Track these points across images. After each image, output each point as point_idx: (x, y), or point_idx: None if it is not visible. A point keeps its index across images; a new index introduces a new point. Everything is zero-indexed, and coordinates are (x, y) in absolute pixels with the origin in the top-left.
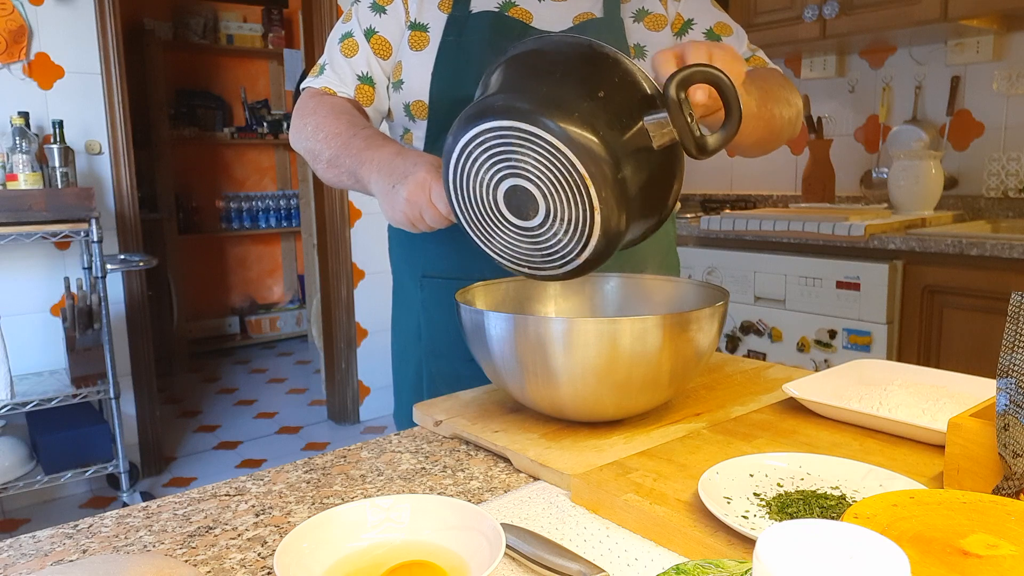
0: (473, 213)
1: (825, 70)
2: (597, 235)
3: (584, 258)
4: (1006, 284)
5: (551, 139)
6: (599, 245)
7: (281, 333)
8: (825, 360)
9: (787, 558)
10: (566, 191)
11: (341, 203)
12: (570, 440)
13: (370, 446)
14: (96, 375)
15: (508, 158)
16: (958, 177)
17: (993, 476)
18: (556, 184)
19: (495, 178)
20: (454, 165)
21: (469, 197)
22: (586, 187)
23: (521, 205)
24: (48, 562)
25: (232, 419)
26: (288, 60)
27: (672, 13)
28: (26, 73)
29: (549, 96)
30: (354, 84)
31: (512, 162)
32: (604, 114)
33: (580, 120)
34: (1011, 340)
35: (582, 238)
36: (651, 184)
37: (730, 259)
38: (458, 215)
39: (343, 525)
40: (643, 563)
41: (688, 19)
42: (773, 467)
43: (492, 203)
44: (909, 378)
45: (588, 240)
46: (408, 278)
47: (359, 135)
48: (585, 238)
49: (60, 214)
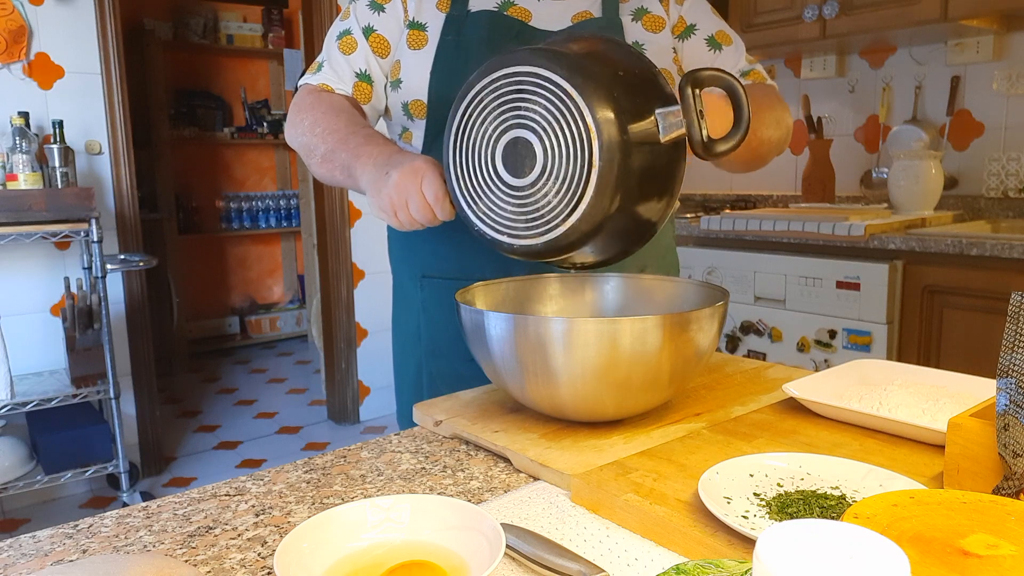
0: (467, 170)
1: (825, 70)
2: (590, 196)
3: (569, 224)
4: (1006, 284)
5: (566, 86)
6: (587, 211)
7: (281, 333)
8: (825, 360)
9: (787, 558)
10: (568, 143)
11: (341, 203)
12: (570, 440)
13: (370, 446)
14: (96, 375)
15: (518, 106)
16: (958, 177)
17: (993, 476)
18: (559, 135)
19: (499, 128)
20: (462, 113)
21: (468, 151)
22: (589, 139)
23: (518, 160)
24: (48, 562)
25: (232, 419)
26: (288, 60)
27: (674, 16)
28: (26, 73)
29: (570, 55)
30: (352, 81)
31: (521, 111)
32: (621, 86)
33: (596, 80)
34: (1011, 340)
35: (573, 198)
36: (650, 177)
37: (730, 259)
38: (450, 171)
39: (343, 525)
40: (643, 563)
41: (691, 24)
42: (773, 467)
43: (490, 157)
44: (909, 378)
45: (579, 202)
46: (408, 278)
47: (358, 132)
48: (576, 199)
49: (60, 214)
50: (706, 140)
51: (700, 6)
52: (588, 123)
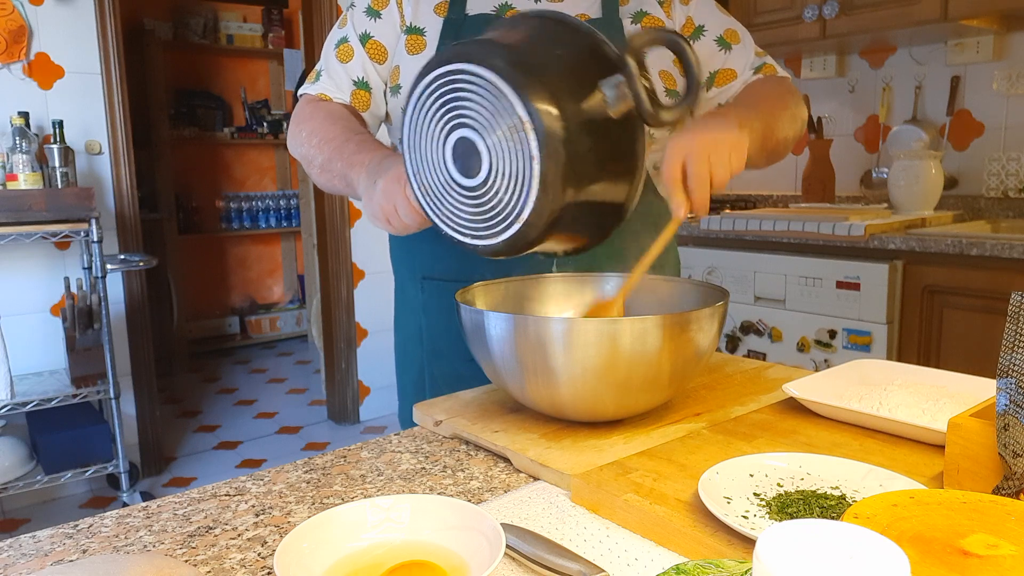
0: (423, 175)
1: (825, 70)
2: (535, 191)
3: (522, 220)
4: (1006, 284)
5: (493, 79)
6: (540, 206)
7: (281, 333)
8: (825, 360)
9: (787, 558)
10: (507, 138)
11: (341, 203)
12: (570, 440)
13: (370, 446)
14: (96, 375)
15: (456, 106)
16: (958, 177)
17: (993, 476)
18: (498, 131)
19: (444, 129)
20: (409, 117)
21: (420, 155)
22: (524, 132)
23: (467, 160)
24: (48, 562)
25: (232, 419)
26: (288, 60)
27: (680, 17)
28: (26, 73)
29: (500, 44)
30: (350, 90)
31: (460, 110)
32: (559, 67)
33: (528, 66)
34: (1011, 340)
35: (521, 194)
36: (608, 156)
37: (730, 259)
38: (411, 177)
39: (343, 525)
40: (643, 563)
41: (700, 24)
42: (773, 467)
43: (441, 159)
44: (909, 378)
45: (527, 197)
46: (408, 280)
47: (352, 140)
48: (524, 195)
49: (60, 214)
50: (655, 109)
51: (707, 5)
52: (520, 115)
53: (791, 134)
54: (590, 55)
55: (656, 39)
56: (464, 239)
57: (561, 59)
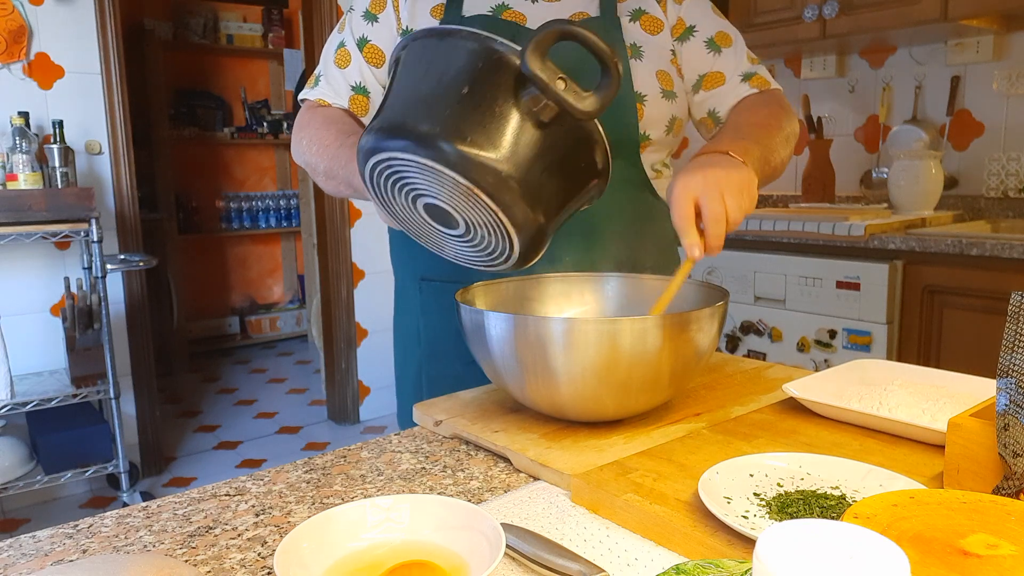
0: (417, 229)
1: (825, 70)
2: (516, 235)
3: (518, 252)
4: (1006, 284)
5: (421, 160)
6: (524, 239)
7: (281, 333)
8: (825, 360)
9: (787, 558)
10: (464, 198)
11: (341, 203)
12: (570, 440)
13: (370, 446)
14: (96, 375)
15: (409, 181)
16: (958, 177)
17: (993, 476)
18: (453, 195)
19: (409, 199)
20: (375, 196)
21: (403, 219)
22: (474, 192)
23: (444, 217)
24: (48, 562)
25: (232, 419)
26: (288, 60)
27: (673, 17)
28: (26, 73)
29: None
30: (348, 95)
31: (412, 186)
32: (474, 110)
33: (442, 129)
34: (1011, 340)
35: (506, 238)
36: (561, 159)
37: (730, 259)
38: (407, 231)
39: (343, 525)
40: (643, 563)
41: (691, 25)
42: (773, 467)
43: (422, 220)
44: (909, 378)
45: (511, 239)
46: (408, 281)
47: (346, 144)
48: (508, 238)
49: (60, 214)
50: (581, 108)
51: (700, 6)
52: (464, 183)
53: (786, 155)
54: (497, 76)
55: (551, 36)
56: (477, 267)
57: (474, 97)
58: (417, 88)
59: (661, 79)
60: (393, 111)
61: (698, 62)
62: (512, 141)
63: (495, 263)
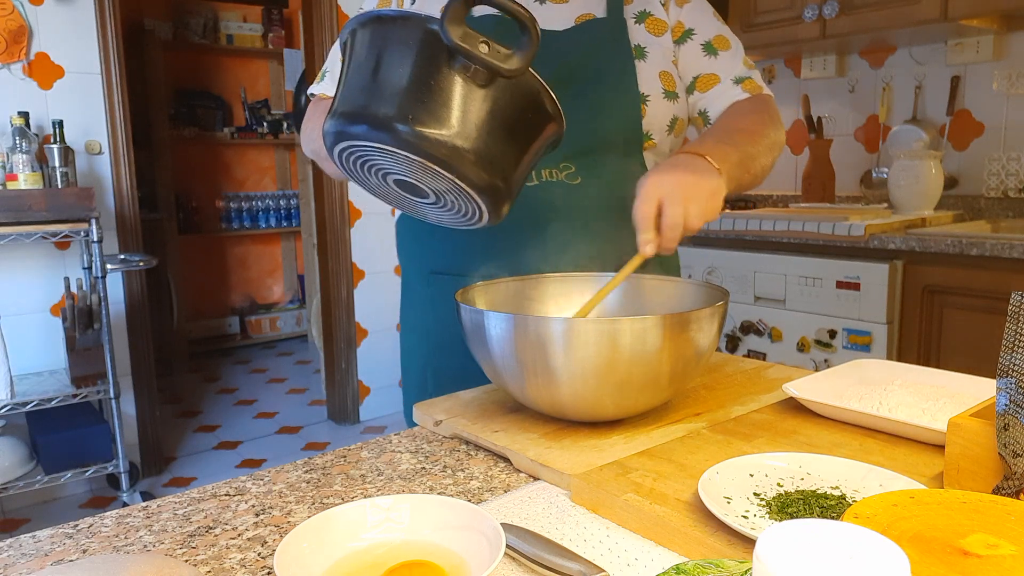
0: (394, 201)
1: (825, 70)
2: (479, 198)
3: (488, 212)
4: (1006, 284)
5: (377, 143)
6: (489, 200)
7: (281, 333)
8: (825, 360)
9: (787, 558)
10: (427, 174)
11: (341, 203)
12: (570, 440)
13: (370, 446)
14: (96, 375)
15: (373, 163)
16: (958, 177)
17: (993, 476)
18: (416, 172)
19: (379, 175)
20: (346, 172)
21: (379, 192)
22: (430, 167)
23: (414, 188)
24: (48, 562)
25: (232, 419)
26: (288, 60)
27: (673, 19)
28: (26, 73)
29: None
30: None
31: (378, 165)
32: (415, 88)
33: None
34: (1011, 340)
35: (471, 201)
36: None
37: (730, 259)
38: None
39: (343, 525)
40: (643, 563)
41: (689, 28)
42: (773, 467)
43: (396, 193)
44: (909, 378)
45: (476, 202)
46: (415, 275)
47: None
48: (473, 201)
49: (60, 214)
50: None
51: (701, 11)
52: (418, 159)
53: (768, 162)
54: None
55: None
56: (459, 228)
57: (413, 75)
58: (366, 71)
59: (664, 80)
60: (347, 97)
61: (693, 64)
62: (456, 112)
63: (472, 224)
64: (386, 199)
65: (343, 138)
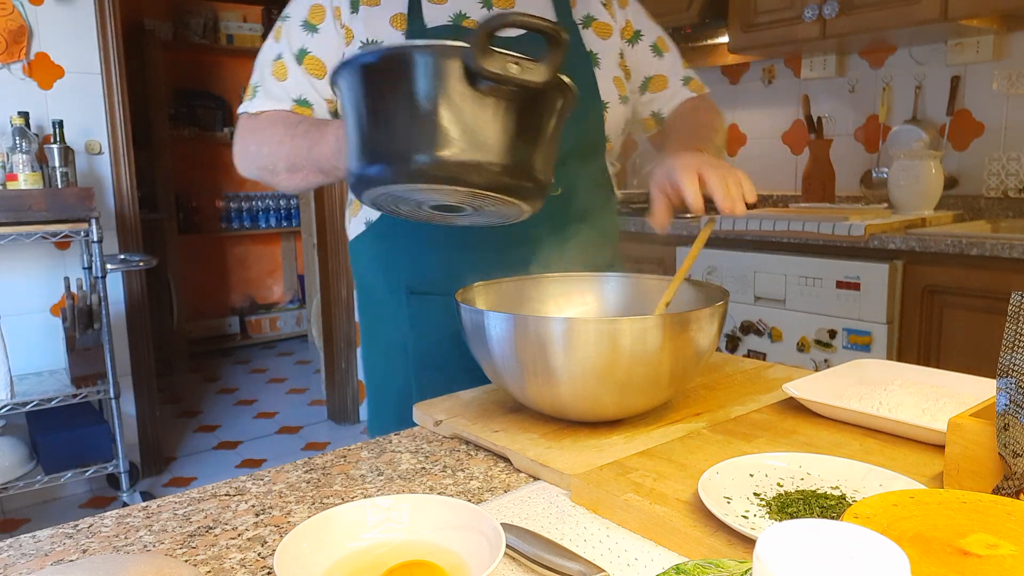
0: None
1: (825, 70)
2: (520, 201)
3: (530, 208)
4: (1006, 284)
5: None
6: (529, 200)
7: (281, 333)
8: (825, 360)
9: (787, 558)
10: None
11: (341, 203)
12: (570, 440)
13: (370, 446)
14: (96, 375)
15: (411, 198)
16: (958, 177)
17: (993, 476)
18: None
19: (414, 205)
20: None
21: (407, 215)
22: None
23: (449, 209)
24: (48, 562)
25: (232, 419)
26: None
27: (621, 20)
28: (26, 73)
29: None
30: (290, 105)
31: (417, 198)
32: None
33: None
34: (1011, 340)
35: (512, 205)
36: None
37: (730, 259)
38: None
39: (343, 525)
40: (643, 563)
41: (638, 29)
42: (773, 467)
43: (427, 214)
44: (909, 378)
45: (517, 205)
46: (387, 293)
47: (299, 128)
48: (514, 204)
49: (60, 214)
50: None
51: (641, 11)
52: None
53: (719, 143)
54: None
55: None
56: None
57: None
58: (383, 112)
59: (618, 85)
60: (370, 141)
61: (644, 65)
62: (486, 133)
63: (509, 222)
64: (413, 218)
65: (376, 185)
